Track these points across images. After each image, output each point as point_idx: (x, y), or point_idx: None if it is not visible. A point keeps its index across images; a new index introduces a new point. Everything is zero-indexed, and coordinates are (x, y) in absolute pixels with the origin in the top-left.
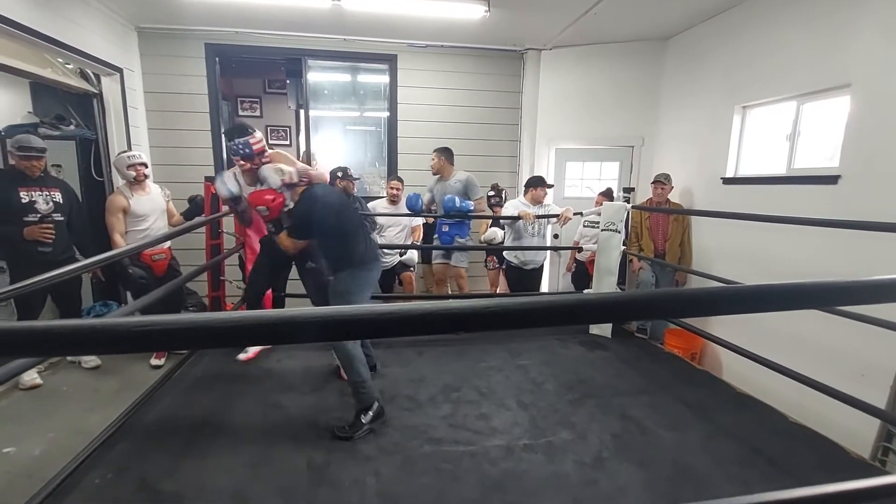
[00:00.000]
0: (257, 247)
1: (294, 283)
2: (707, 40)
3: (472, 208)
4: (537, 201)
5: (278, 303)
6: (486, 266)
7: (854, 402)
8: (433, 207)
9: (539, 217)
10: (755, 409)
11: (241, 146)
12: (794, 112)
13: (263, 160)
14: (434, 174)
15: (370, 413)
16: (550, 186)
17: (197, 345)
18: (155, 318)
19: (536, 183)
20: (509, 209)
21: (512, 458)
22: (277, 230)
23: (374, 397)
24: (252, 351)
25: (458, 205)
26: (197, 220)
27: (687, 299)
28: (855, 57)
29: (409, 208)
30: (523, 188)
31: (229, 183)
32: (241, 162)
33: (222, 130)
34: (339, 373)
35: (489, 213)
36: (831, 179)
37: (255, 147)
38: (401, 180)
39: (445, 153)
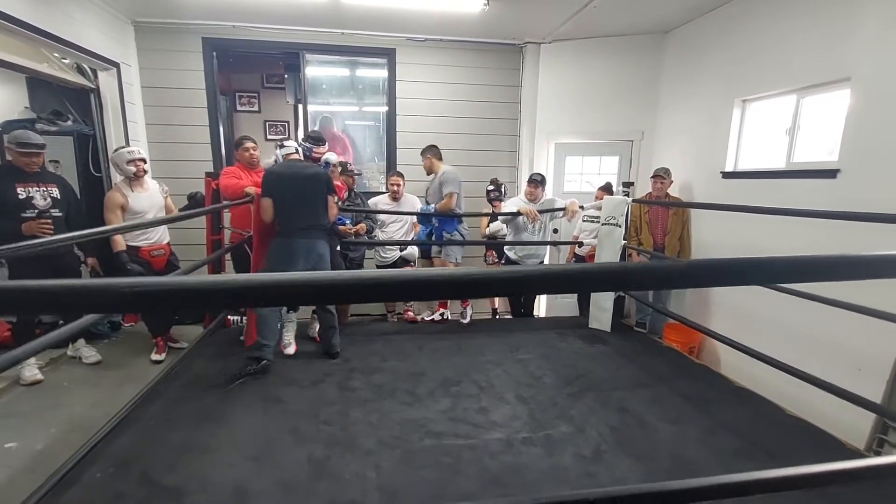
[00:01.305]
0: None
1: None
2: (707, 34)
3: (431, 209)
4: (534, 199)
5: None
6: (485, 261)
7: (850, 396)
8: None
9: (542, 212)
10: (753, 403)
11: (306, 149)
12: (793, 106)
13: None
14: (428, 174)
15: (258, 365)
16: (537, 182)
17: (189, 305)
18: (148, 279)
19: (531, 181)
20: (509, 206)
21: (511, 451)
22: None
23: (268, 357)
24: (293, 347)
25: (426, 209)
26: (190, 211)
27: (679, 271)
28: (855, 50)
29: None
30: (525, 184)
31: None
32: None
33: (306, 133)
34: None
35: (456, 207)
36: (830, 173)
37: (314, 154)
38: (401, 175)
39: (431, 151)
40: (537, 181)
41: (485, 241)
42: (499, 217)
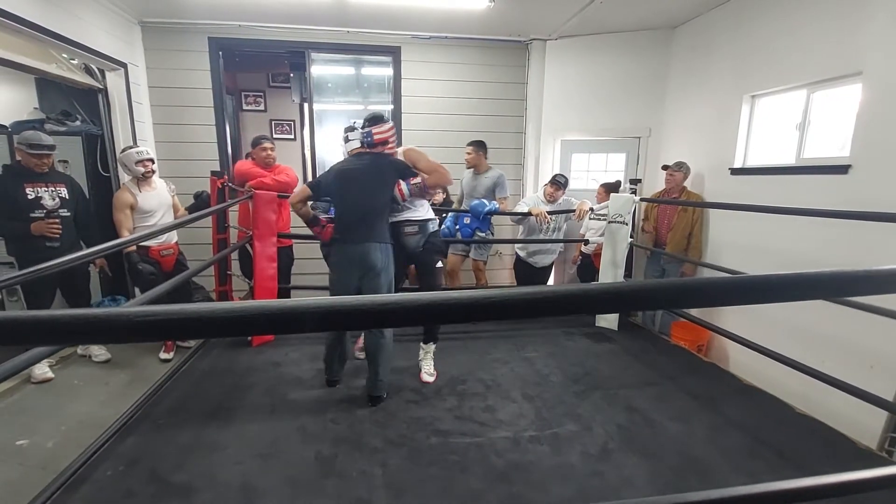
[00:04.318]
0: (267, 247)
1: (302, 277)
2: (715, 28)
3: (497, 209)
4: (553, 199)
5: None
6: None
7: (861, 393)
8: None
9: (551, 213)
10: (762, 401)
11: (364, 134)
12: (804, 101)
13: (385, 149)
14: (469, 167)
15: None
16: (560, 185)
17: (201, 334)
18: (158, 307)
19: (554, 181)
20: (522, 206)
21: (518, 449)
22: None
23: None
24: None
25: (486, 208)
26: (201, 212)
27: (692, 289)
28: (866, 44)
29: (473, 213)
30: (536, 182)
31: None
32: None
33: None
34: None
35: (510, 211)
36: (842, 169)
37: (375, 137)
38: None
39: (481, 147)
40: (560, 183)
41: (495, 240)
42: (510, 217)
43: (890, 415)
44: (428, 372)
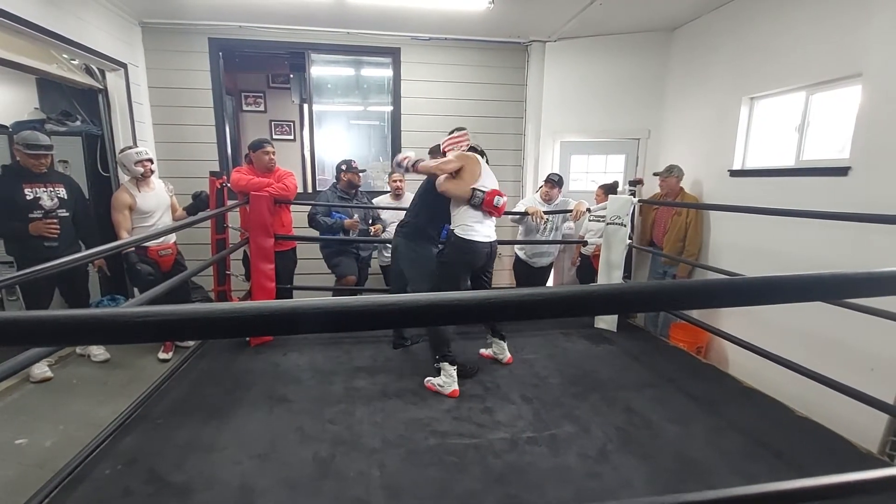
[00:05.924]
0: (263, 247)
1: (302, 278)
2: (714, 30)
3: None
4: (549, 199)
5: (282, 295)
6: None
7: (862, 396)
8: None
9: (548, 213)
10: (761, 403)
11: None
12: (803, 103)
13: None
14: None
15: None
16: (553, 182)
17: (200, 335)
18: (158, 308)
19: (548, 180)
20: (519, 206)
21: (516, 450)
22: None
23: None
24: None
25: None
26: (201, 214)
27: (694, 290)
28: (866, 45)
29: None
30: (535, 183)
31: None
32: None
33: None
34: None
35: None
36: (841, 171)
37: (441, 146)
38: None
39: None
40: (554, 181)
41: (507, 241)
42: (508, 218)
43: (891, 418)
44: (428, 380)
